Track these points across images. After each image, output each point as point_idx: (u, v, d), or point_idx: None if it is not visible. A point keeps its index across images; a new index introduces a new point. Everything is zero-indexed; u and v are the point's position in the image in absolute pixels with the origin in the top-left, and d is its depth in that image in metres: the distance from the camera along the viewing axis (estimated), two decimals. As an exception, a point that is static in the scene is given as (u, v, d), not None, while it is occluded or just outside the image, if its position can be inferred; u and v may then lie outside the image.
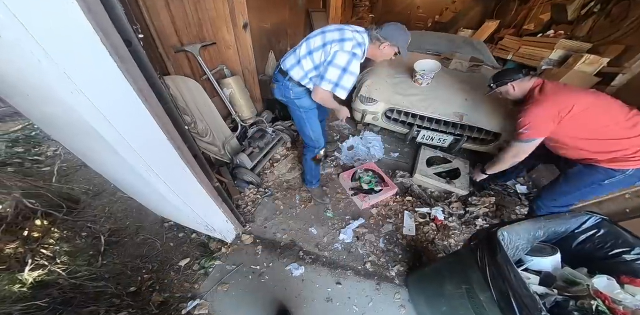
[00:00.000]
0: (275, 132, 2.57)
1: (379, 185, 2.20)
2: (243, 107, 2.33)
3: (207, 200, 1.47)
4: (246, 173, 2.20)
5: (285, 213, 2.16)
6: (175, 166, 1.13)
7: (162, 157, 1.05)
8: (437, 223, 2.06)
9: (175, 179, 1.17)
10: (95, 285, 1.55)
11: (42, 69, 0.66)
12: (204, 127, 2.10)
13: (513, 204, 2.30)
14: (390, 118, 2.56)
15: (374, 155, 2.66)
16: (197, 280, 1.71)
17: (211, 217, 1.62)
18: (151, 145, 0.97)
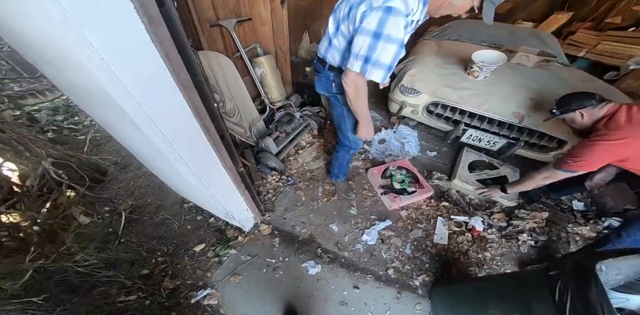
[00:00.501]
0: (302, 117, 2.43)
1: (413, 186, 2.00)
2: (273, 89, 2.19)
3: (229, 186, 1.37)
4: (270, 158, 2.10)
5: (306, 205, 2.04)
6: (199, 147, 1.03)
7: (185, 136, 0.94)
8: (474, 234, 1.85)
9: (198, 161, 1.07)
10: (105, 275, 1.52)
11: (59, 28, 0.55)
12: (232, 107, 2.00)
13: (565, 221, 2.01)
14: (432, 113, 2.31)
15: (408, 151, 2.43)
16: (210, 268, 1.67)
17: (232, 204, 1.54)
18: (174, 122, 0.86)
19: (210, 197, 1.32)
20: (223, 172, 1.24)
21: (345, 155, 1.76)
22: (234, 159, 1.28)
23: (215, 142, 1.06)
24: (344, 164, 1.87)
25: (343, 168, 1.93)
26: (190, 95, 0.84)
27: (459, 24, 2.70)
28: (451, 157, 2.46)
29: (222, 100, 1.93)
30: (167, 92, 0.78)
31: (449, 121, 2.28)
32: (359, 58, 0.96)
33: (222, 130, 1.09)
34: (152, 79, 0.73)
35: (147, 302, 1.50)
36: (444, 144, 2.59)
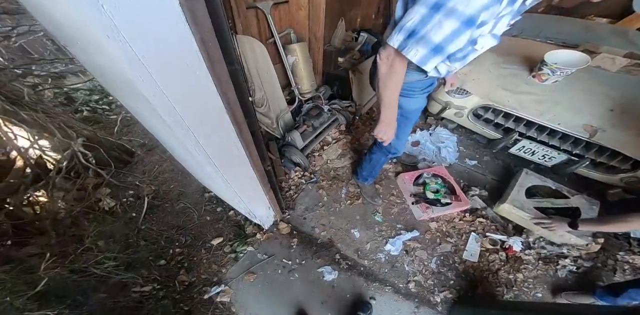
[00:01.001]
0: (330, 111, 2.29)
1: (448, 198, 1.83)
2: (304, 79, 2.06)
3: (255, 185, 1.29)
4: (295, 153, 2.00)
5: (328, 206, 1.95)
6: (228, 144, 0.94)
7: (215, 135, 0.85)
8: (508, 253, 1.68)
9: (226, 161, 0.99)
10: (123, 276, 1.49)
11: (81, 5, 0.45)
12: (262, 97, 1.90)
13: (617, 247, 1.77)
14: (479, 117, 2.06)
15: (444, 158, 2.23)
16: (226, 264, 1.65)
17: (255, 203, 1.47)
18: (204, 116, 0.77)
19: (234, 195, 1.25)
20: (250, 172, 1.16)
21: (380, 158, 1.61)
22: (263, 157, 1.19)
23: (246, 141, 0.96)
24: (376, 167, 1.73)
25: (374, 171, 1.79)
26: (225, 89, 0.73)
27: (521, 18, 2.33)
28: (494, 169, 2.21)
29: (252, 88, 1.83)
30: (199, 83, 0.68)
31: (499, 128, 2.02)
32: (402, 30, 0.77)
33: (254, 125, 0.99)
34: (183, 65, 0.62)
35: (161, 294, 1.50)
36: (487, 152, 2.33)
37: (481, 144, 2.39)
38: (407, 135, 1.41)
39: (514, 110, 1.81)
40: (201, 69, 0.65)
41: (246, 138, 0.96)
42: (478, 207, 1.90)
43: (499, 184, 2.05)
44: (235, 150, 0.98)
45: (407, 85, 1.04)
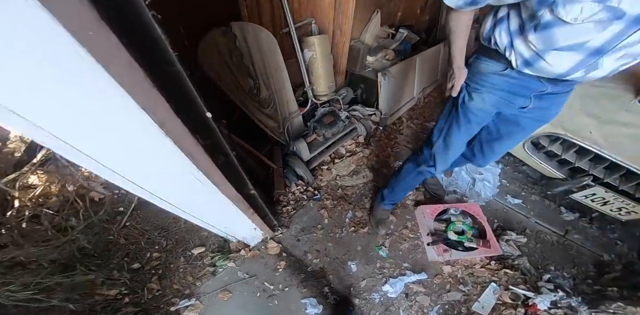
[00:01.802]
0: (349, 118, 1.96)
1: (474, 242, 1.46)
2: (321, 79, 1.74)
3: (233, 212, 1.02)
4: (299, 166, 1.72)
5: (328, 230, 1.67)
6: (183, 180, 0.66)
7: (155, 169, 0.56)
8: (529, 310, 1.34)
9: (188, 197, 0.72)
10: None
11: None
12: (268, 96, 1.61)
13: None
14: (540, 148, 1.62)
15: (479, 193, 1.82)
16: (202, 277, 1.49)
17: (235, 227, 1.23)
18: (127, 149, 0.48)
19: (204, 225, 0.99)
20: (224, 201, 0.88)
21: (410, 170, 1.33)
22: (241, 181, 0.91)
23: (206, 169, 0.67)
24: (402, 183, 1.42)
25: (397, 189, 1.48)
26: (147, 102, 0.44)
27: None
28: (542, 211, 1.77)
29: (257, 86, 1.54)
30: (105, 103, 0.39)
31: (565, 167, 1.57)
32: None
33: (223, 148, 0.71)
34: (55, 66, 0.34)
35: (125, 300, 1.38)
36: (537, 190, 1.88)
37: (531, 179, 1.94)
38: (457, 144, 1.09)
39: (595, 146, 1.34)
40: (96, 75, 0.36)
41: (205, 166, 0.67)
42: (510, 255, 1.53)
43: (545, 229, 1.66)
44: (198, 184, 0.70)
45: (478, 77, 0.90)
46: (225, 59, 1.35)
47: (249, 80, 1.49)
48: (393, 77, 1.95)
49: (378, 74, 1.92)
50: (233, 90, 1.45)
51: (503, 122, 1.04)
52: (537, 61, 0.72)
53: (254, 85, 1.52)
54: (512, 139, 1.10)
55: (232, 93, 1.45)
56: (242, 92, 1.49)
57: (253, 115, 1.59)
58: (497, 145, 1.14)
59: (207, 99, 0.60)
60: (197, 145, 0.62)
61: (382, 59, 2.12)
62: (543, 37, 0.66)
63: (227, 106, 1.56)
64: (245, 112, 1.55)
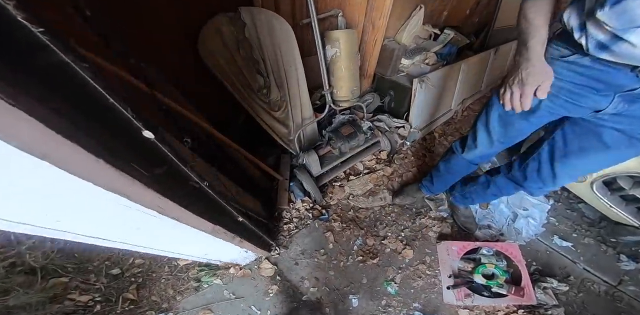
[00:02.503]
0: (372, 130, 1.67)
1: (505, 288, 1.15)
2: (343, 81, 1.47)
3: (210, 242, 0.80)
4: (307, 181, 1.47)
5: (331, 256, 1.44)
6: (120, 213, 0.43)
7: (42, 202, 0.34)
8: None
9: (144, 238, 0.49)
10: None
11: None
12: (280, 98, 1.38)
13: None
14: (613, 189, 1.28)
15: (520, 230, 1.47)
16: (184, 291, 1.33)
17: (217, 253, 1.02)
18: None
19: (174, 255, 0.77)
20: (195, 234, 0.65)
21: (455, 159, 1.18)
22: (220, 211, 0.68)
23: (158, 204, 0.44)
24: (444, 171, 1.29)
25: (444, 177, 1.34)
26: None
27: None
28: (594, 257, 1.42)
29: (267, 85, 1.32)
30: None
31: None
32: None
33: (183, 176, 0.47)
34: None
35: (97, 308, 1.25)
36: (592, 233, 1.52)
37: (588, 220, 1.57)
38: (506, 137, 0.92)
39: None
40: None
41: (168, 208, 0.44)
42: (544, 303, 1.23)
43: (593, 278, 1.36)
44: (154, 219, 0.47)
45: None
46: (232, 52, 1.14)
47: (259, 77, 1.27)
48: (432, 85, 1.63)
49: (414, 80, 1.62)
50: (239, 89, 1.24)
51: (575, 131, 0.77)
52: (616, 43, 0.54)
53: (264, 84, 1.30)
54: (586, 158, 0.79)
55: (238, 92, 1.24)
56: (250, 91, 1.28)
57: (261, 118, 1.37)
58: (560, 166, 0.85)
59: (208, 100, 0.37)
60: (134, 178, 0.39)
61: (421, 63, 1.81)
62: (617, 13, 0.50)
63: (233, 107, 1.35)
64: (252, 115, 1.33)
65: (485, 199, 1.36)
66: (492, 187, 1.18)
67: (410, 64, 1.82)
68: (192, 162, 0.52)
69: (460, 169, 1.22)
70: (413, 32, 1.92)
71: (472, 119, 2.48)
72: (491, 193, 1.21)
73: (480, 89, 2.69)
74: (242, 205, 1.16)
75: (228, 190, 0.82)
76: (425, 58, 1.81)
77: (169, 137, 0.54)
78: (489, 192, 1.22)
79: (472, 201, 1.40)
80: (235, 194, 1.10)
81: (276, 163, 1.66)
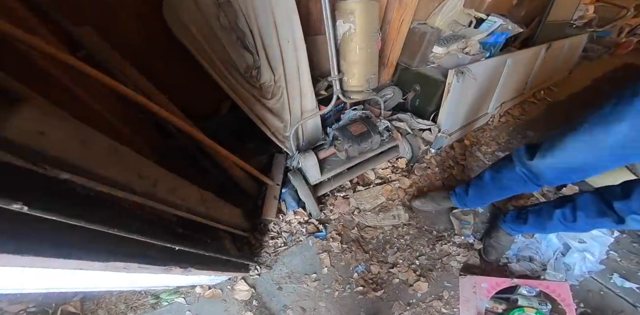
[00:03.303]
0: (389, 131, 1.35)
1: None
2: (356, 67, 1.16)
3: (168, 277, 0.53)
4: (302, 189, 1.18)
5: (324, 283, 1.17)
6: None
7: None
8: None
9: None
10: None
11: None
12: (274, 82, 1.10)
13: None
14: None
15: (571, 266, 1.18)
16: (139, 308, 1.12)
17: (179, 281, 0.74)
18: None
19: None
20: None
21: (511, 171, 0.92)
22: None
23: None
24: (489, 183, 1.05)
25: (486, 190, 1.09)
26: None
27: None
28: None
29: (257, 65, 1.03)
30: None
31: None
32: None
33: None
34: None
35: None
36: None
37: None
38: (589, 153, 0.69)
39: None
40: None
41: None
42: None
43: None
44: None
45: None
46: (209, 20, 0.88)
47: (246, 54, 0.99)
48: (474, 79, 1.29)
49: (450, 72, 1.28)
50: (220, 70, 0.97)
51: None
52: None
53: (253, 64, 1.02)
54: None
55: (219, 73, 0.98)
56: (235, 72, 1.01)
57: (249, 107, 1.09)
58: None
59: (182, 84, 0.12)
60: None
61: (458, 52, 1.46)
62: None
63: (214, 93, 1.08)
64: (237, 103, 1.06)
65: (549, 229, 1.02)
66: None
67: (444, 53, 1.48)
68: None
69: (514, 185, 0.94)
70: (450, 16, 1.57)
71: (510, 126, 2.11)
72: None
73: (523, 92, 2.28)
74: (213, 218, 0.89)
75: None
76: (465, 46, 1.46)
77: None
78: (559, 223, 0.92)
79: (528, 229, 1.10)
80: (201, 207, 0.82)
81: (269, 163, 1.38)
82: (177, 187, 0.73)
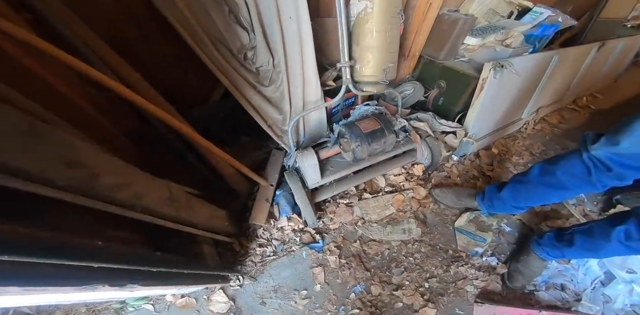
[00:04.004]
0: (406, 132, 1.15)
1: None
2: (372, 53, 0.98)
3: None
4: (298, 192, 1.01)
5: (315, 302, 1.02)
6: None
7: None
8: None
9: None
10: None
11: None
12: (272, 66, 0.94)
13: None
14: None
15: (613, 299, 1.02)
16: (101, 312, 1.00)
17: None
18: None
19: None
20: None
21: (569, 160, 0.77)
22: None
23: None
24: (538, 177, 0.88)
25: (531, 187, 0.91)
26: None
27: None
28: None
29: (252, 45, 0.88)
30: None
31: None
32: None
33: None
34: None
35: None
36: None
37: None
38: None
39: None
40: None
41: None
42: None
43: None
44: None
45: None
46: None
47: (240, 32, 0.84)
48: (517, 74, 1.07)
49: (486, 65, 1.07)
50: (209, 49, 0.83)
51: None
52: None
53: (248, 44, 0.87)
54: None
55: (207, 53, 0.83)
56: (227, 53, 0.86)
57: (242, 94, 0.94)
58: None
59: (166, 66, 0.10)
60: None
61: (497, 44, 1.24)
62: None
63: (203, 75, 0.93)
64: (229, 89, 0.92)
65: (604, 252, 0.83)
66: (636, 234, 0.70)
67: (478, 45, 1.26)
68: None
69: (570, 181, 0.78)
70: (487, 4, 1.36)
71: (547, 135, 1.85)
72: (625, 245, 0.74)
73: (563, 97, 2.01)
74: (183, 221, 0.74)
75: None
76: (505, 38, 1.24)
77: None
78: (619, 244, 0.75)
79: (574, 253, 0.92)
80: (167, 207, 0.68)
81: (266, 160, 1.22)
82: (133, 183, 0.59)
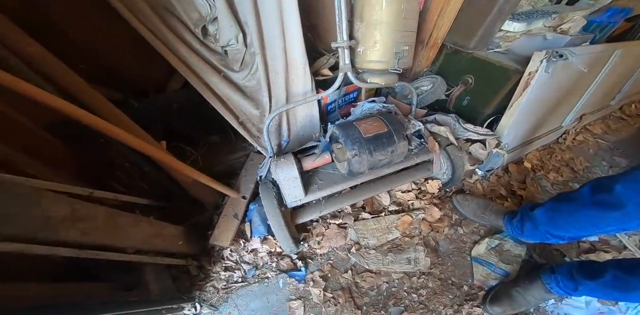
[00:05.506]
0: (422, 139, 0.90)
1: None
2: (380, 32, 0.72)
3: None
4: (272, 213, 0.77)
5: None
6: None
7: None
8: None
9: None
10: None
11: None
12: (244, 46, 0.70)
13: None
14: None
15: None
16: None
17: None
18: None
19: None
20: None
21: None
22: None
23: None
24: (588, 200, 0.70)
25: (576, 210, 0.73)
26: None
27: None
28: None
29: (213, 16, 0.64)
30: None
31: None
32: None
33: None
34: None
35: None
36: None
37: None
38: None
39: None
40: None
41: None
42: None
43: None
44: None
45: None
46: None
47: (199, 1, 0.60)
48: (582, 68, 0.80)
49: (536, 55, 0.79)
50: (152, 21, 0.60)
51: None
52: None
53: (208, 14, 0.63)
54: None
55: (150, 27, 0.60)
56: (181, 27, 0.63)
57: (202, 81, 0.71)
58: None
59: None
60: None
61: (548, 31, 0.95)
62: None
63: (158, 59, 0.69)
64: (183, 74, 0.69)
65: (618, 295, 0.68)
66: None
67: (520, 33, 0.98)
68: None
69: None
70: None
71: (590, 148, 1.54)
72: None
73: (610, 104, 1.69)
74: (91, 245, 0.53)
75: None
76: (560, 23, 0.95)
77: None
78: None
79: (600, 291, 0.72)
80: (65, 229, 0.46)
81: (238, 166, 0.99)
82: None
